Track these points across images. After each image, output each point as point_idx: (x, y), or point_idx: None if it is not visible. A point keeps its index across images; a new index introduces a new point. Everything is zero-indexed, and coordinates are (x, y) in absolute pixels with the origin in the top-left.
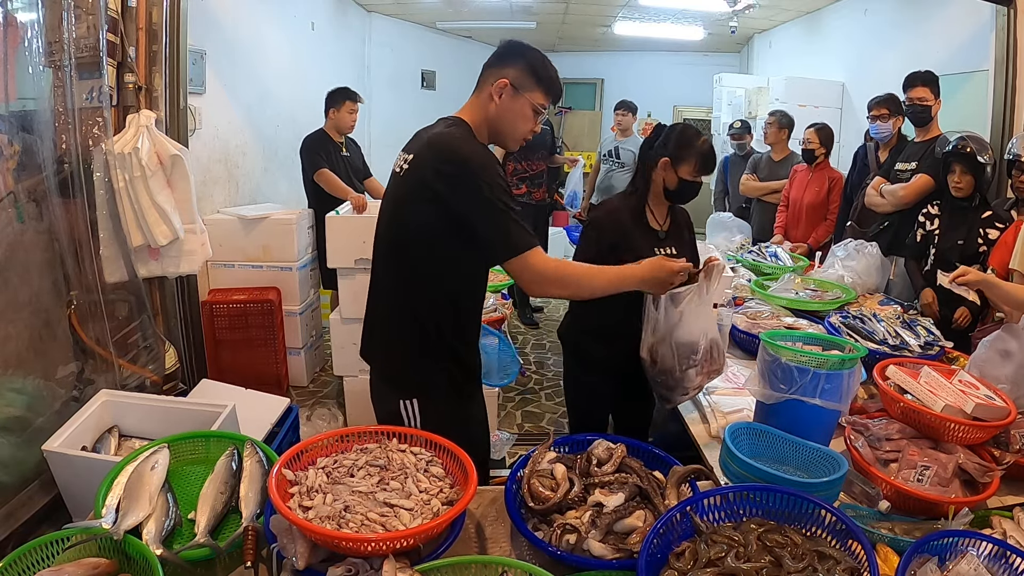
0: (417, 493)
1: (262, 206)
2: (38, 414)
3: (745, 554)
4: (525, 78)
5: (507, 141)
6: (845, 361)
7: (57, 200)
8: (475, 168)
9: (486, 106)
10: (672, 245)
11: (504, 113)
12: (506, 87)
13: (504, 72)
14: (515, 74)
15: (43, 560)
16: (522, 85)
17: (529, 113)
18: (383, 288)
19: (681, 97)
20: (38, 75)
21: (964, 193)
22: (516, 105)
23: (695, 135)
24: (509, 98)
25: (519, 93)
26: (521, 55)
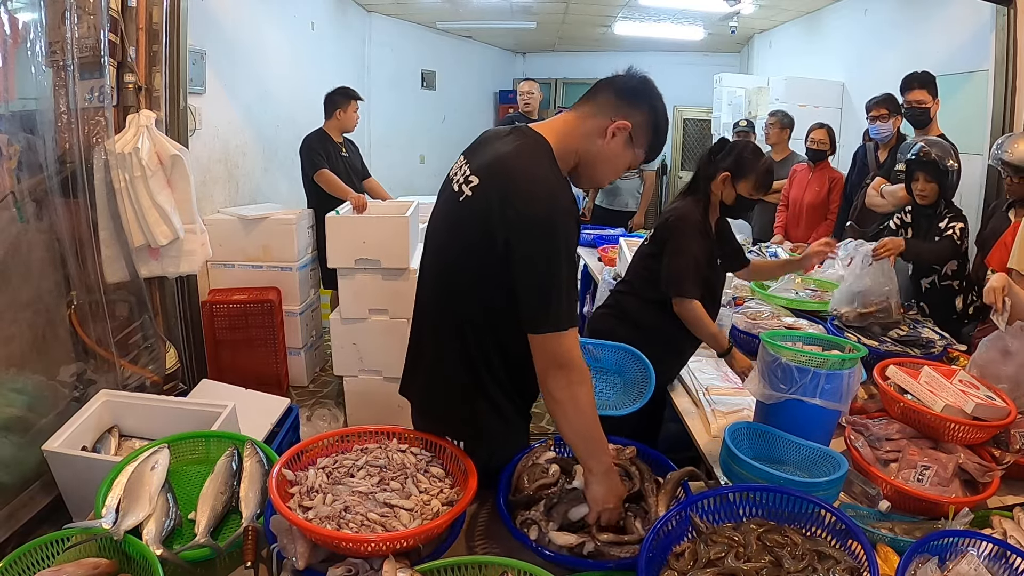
0: (417, 493)
1: (262, 206)
2: (39, 414)
3: (745, 554)
4: (646, 132)
5: (583, 179)
6: (845, 361)
7: (58, 200)
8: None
9: (591, 138)
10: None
11: (606, 155)
12: (625, 131)
13: (631, 115)
14: (640, 122)
15: (43, 560)
16: (638, 138)
17: (623, 168)
18: (431, 322)
19: (681, 97)
20: (39, 75)
21: (928, 201)
22: (622, 156)
23: (757, 153)
24: (621, 145)
25: (631, 145)
26: (652, 105)
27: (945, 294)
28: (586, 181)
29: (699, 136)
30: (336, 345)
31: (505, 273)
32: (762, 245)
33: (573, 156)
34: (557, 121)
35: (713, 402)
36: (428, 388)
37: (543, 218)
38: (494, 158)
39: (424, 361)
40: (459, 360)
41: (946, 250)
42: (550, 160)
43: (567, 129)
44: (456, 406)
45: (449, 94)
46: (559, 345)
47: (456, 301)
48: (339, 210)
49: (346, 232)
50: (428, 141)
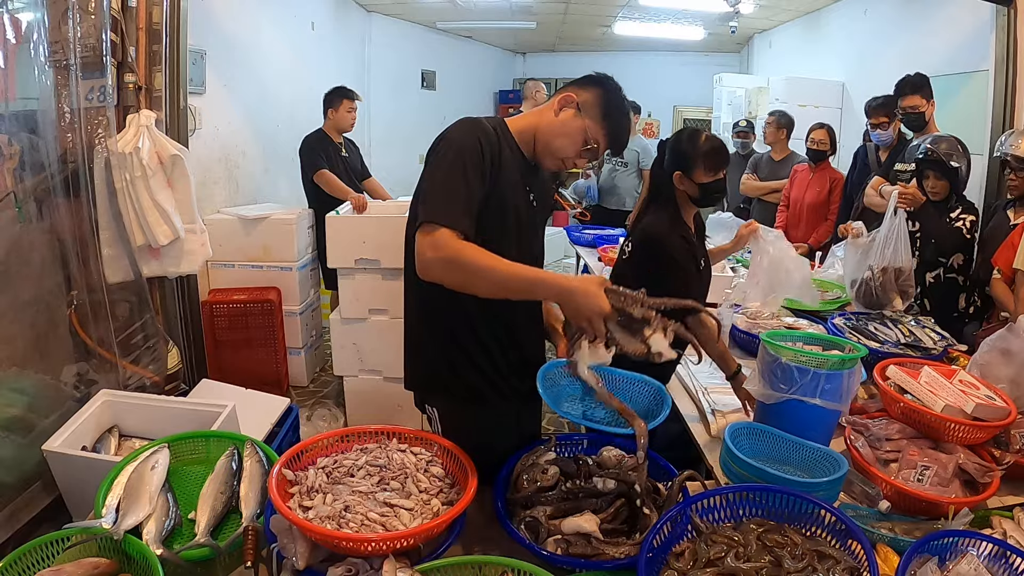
0: (417, 493)
1: (262, 206)
2: (40, 414)
3: (745, 554)
4: (594, 106)
5: (545, 157)
6: (845, 361)
7: (59, 200)
8: (447, 134)
9: (542, 113)
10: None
11: (556, 126)
12: (571, 102)
13: (578, 91)
14: (587, 97)
15: (43, 560)
16: (587, 110)
17: (578, 139)
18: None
19: (681, 97)
20: (40, 75)
21: (940, 197)
22: (571, 124)
23: (693, 137)
24: (569, 115)
25: (580, 115)
26: (603, 86)
27: (949, 289)
28: (548, 157)
29: None
30: (336, 345)
31: None
32: None
33: (531, 133)
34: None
35: (713, 402)
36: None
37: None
38: None
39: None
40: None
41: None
42: (493, 122)
43: (527, 115)
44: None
45: (449, 94)
46: (433, 235)
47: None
48: (339, 210)
49: (346, 232)
50: (428, 141)
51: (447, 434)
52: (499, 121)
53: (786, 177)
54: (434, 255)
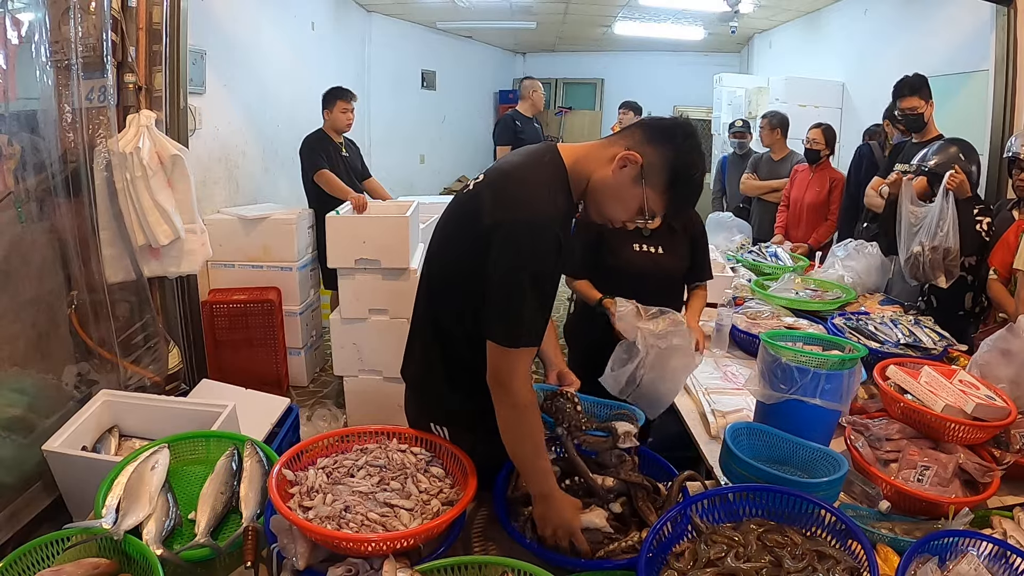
0: (417, 493)
1: (262, 206)
2: (40, 415)
3: (745, 554)
4: (660, 173)
5: (591, 209)
6: (845, 361)
7: (60, 200)
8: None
9: (602, 164)
10: (659, 245)
11: (611, 186)
12: (634, 165)
13: (648, 151)
14: (654, 160)
15: (43, 560)
16: (651, 178)
17: (633, 207)
18: (421, 309)
19: (681, 97)
20: (41, 75)
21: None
22: (629, 191)
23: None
24: (628, 178)
25: (640, 181)
26: (676, 146)
27: (957, 288)
28: (594, 212)
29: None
30: (336, 345)
31: (483, 271)
32: (762, 245)
33: (584, 179)
34: (585, 144)
35: (713, 402)
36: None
37: (523, 225)
38: (504, 162)
39: (414, 344)
40: (441, 350)
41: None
42: (554, 176)
43: (587, 152)
44: (437, 393)
45: (449, 94)
46: (501, 360)
47: (441, 290)
48: (339, 210)
49: (346, 232)
50: (428, 141)
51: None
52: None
53: (786, 176)
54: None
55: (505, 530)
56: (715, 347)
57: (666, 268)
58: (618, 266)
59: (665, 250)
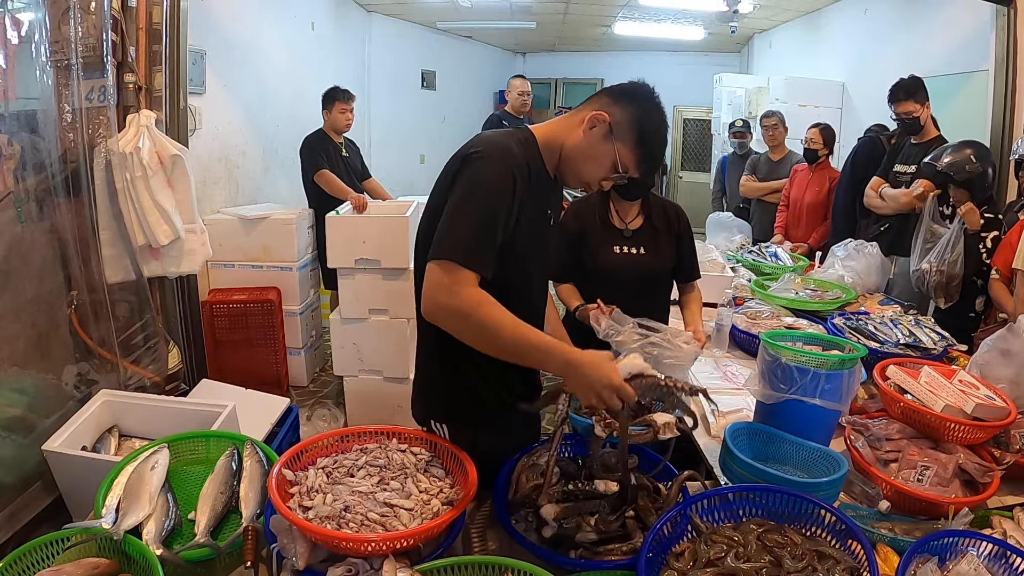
0: (417, 493)
1: (262, 206)
2: (40, 415)
3: (745, 554)
4: (628, 128)
5: (568, 175)
6: (845, 361)
7: (60, 200)
8: (484, 168)
9: (572, 130)
10: (641, 246)
11: (584, 148)
12: (603, 123)
13: (614, 110)
14: (620, 117)
15: (43, 560)
16: (619, 133)
17: (607, 164)
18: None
19: (681, 97)
20: (41, 75)
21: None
22: (600, 148)
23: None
24: (598, 137)
25: (610, 137)
26: (640, 104)
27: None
28: (571, 176)
29: (699, 136)
30: (336, 345)
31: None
32: (762, 245)
33: (557, 148)
34: (552, 120)
35: (713, 402)
36: (418, 370)
37: (483, 165)
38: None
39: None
40: (434, 342)
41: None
42: (524, 142)
43: (556, 124)
44: (435, 386)
45: (449, 94)
46: (450, 274)
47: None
48: (339, 210)
49: (346, 232)
50: (428, 141)
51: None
52: (527, 136)
53: (785, 177)
54: (447, 300)
55: (505, 530)
56: (715, 347)
57: (648, 269)
58: (598, 268)
59: (647, 251)
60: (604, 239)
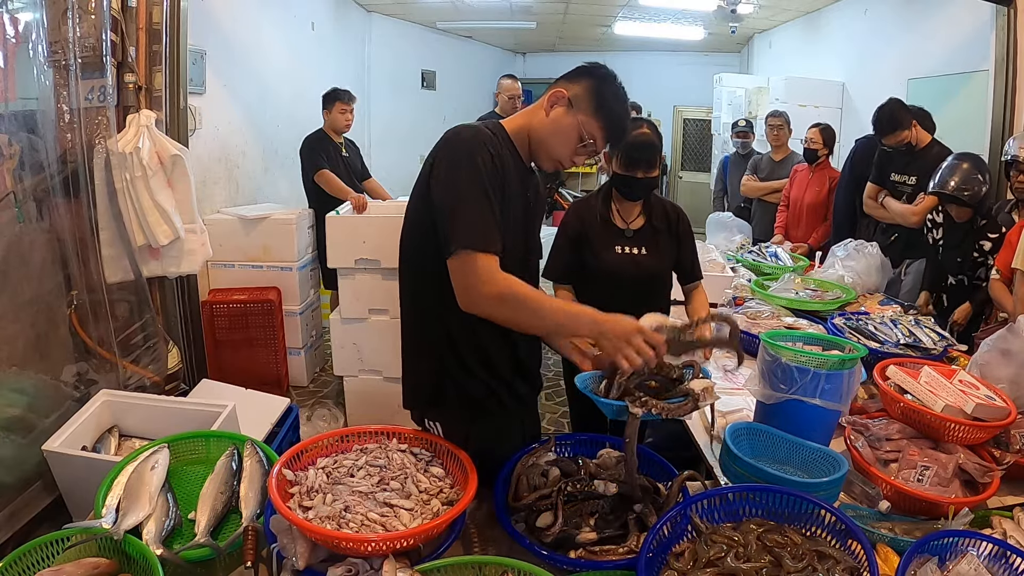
0: (417, 493)
1: (262, 206)
2: (40, 415)
3: (745, 554)
4: (586, 99)
5: (541, 158)
6: (845, 361)
7: (59, 200)
8: (457, 146)
9: (535, 114)
10: (642, 246)
11: (548, 126)
12: (562, 99)
13: (568, 86)
14: (577, 91)
15: (43, 560)
16: (579, 104)
17: (573, 136)
18: (404, 299)
19: (681, 97)
20: (40, 75)
21: (965, 219)
22: (564, 122)
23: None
24: (560, 113)
25: (571, 111)
26: (592, 76)
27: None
28: (544, 158)
29: (699, 136)
30: (336, 345)
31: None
32: (762, 245)
33: (526, 135)
34: (517, 113)
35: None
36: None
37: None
38: None
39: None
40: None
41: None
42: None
43: (521, 115)
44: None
45: (449, 94)
46: (475, 264)
47: (409, 260)
48: (339, 210)
49: (346, 232)
50: (428, 141)
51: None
52: (496, 125)
53: (786, 177)
54: (489, 290)
55: (505, 530)
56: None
57: (648, 269)
58: (599, 268)
59: (648, 251)
60: (605, 239)
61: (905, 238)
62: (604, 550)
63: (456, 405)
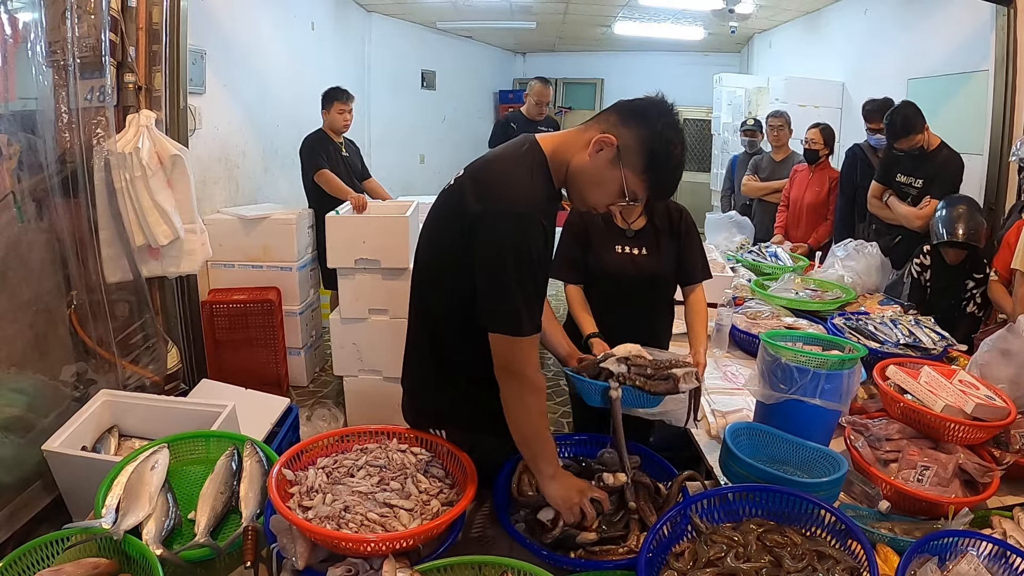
0: (417, 494)
1: (262, 206)
2: (39, 414)
3: (745, 554)
4: (636, 153)
5: (573, 197)
6: (845, 361)
7: (58, 200)
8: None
9: (578, 149)
10: (643, 246)
11: (589, 172)
12: (610, 148)
13: (624, 133)
14: (631, 142)
15: (43, 560)
16: (627, 158)
17: (614, 191)
18: (413, 312)
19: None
20: (39, 75)
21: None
22: (607, 174)
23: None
24: (605, 161)
25: (617, 163)
26: (652, 126)
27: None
28: (577, 198)
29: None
30: (336, 345)
31: (470, 261)
32: (762, 245)
33: (563, 167)
34: (562, 132)
35: (713, 402)
36: (410, 377)
37: (505, 211)
38: (485, 154)
39: (408, 351)
40: (430, 349)
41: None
42: (535, 165)
43: (565, 139)
44: (431, 395)
45: (449, 94)
46: (511, 351)
47: (428, 287)
48: (339, 210)
49: (346, 232)
50: (428, 141)
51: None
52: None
53: (787, 177)
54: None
55: (505, 530)
56: (715, 347)
57: (648, 270)
58: (599, 267)
59: (649, 252)
60: (607, 239)
61: (908, 240)
62: (604, 550)
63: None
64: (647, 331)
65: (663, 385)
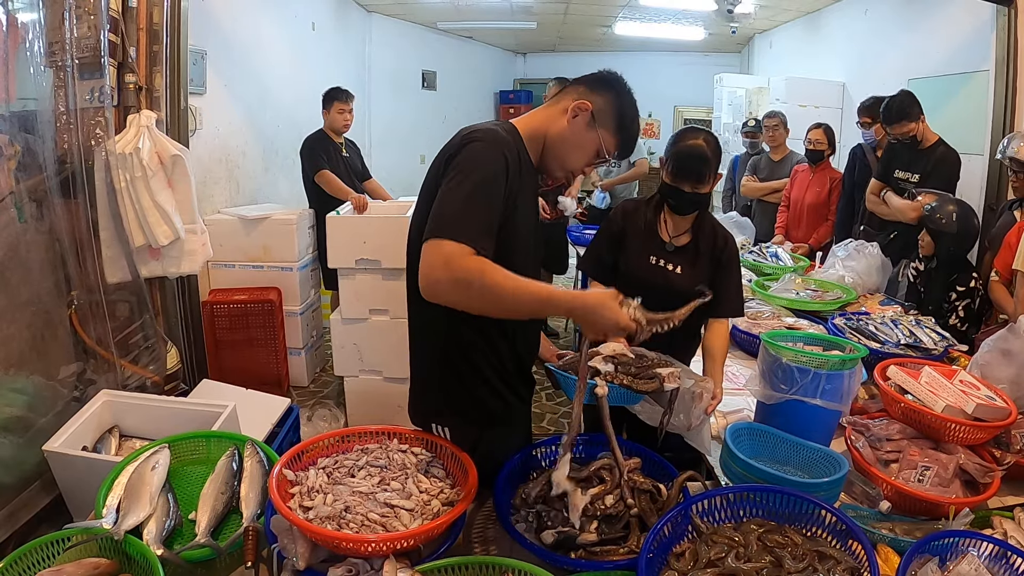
0: (417, 494)
1: (262, 206)
2: (39, 414)
3: (745, 554)
4: (608, 115)
5: (553, 167)
6: (846, 361)
7: (58, 200)
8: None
9: (554, 119)
10: (679, 264)
11: (568, 137)
12: (586, 112)
13: (592, 97)
14: (603, 106)
15: (43, 560)
16: (601, 120)
17: (591, 151)
18: (411, 303)
19: (681, 97)
20: (39, 75)
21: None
22: (584, 136)
23: (683, 135)
24: (582, 125)
25: (593, 125)
26: (617, 92)
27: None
28: (556, 165)
29: None
30: (336, 345)
31: None
32: (762, 245)
33: (540, 139)
34: (530, 112)
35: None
36: (415, 371)
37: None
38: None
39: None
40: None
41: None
42: (507, 129)
43: (536, 116)
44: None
45: (449, 94)
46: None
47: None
48: (339, 210)
49: (346, 232)
50: (428, 141)
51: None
52: (510, 127)
53: (786, 177)
54: (444, 275)
55: (505, 530)
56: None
57: (678, 288)
58: (628, 273)
59: (683, 271)
60: (644, 246)
61: (904, 236)
62: (605, 550)
63: (469, 413)
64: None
65: (649, 384)
